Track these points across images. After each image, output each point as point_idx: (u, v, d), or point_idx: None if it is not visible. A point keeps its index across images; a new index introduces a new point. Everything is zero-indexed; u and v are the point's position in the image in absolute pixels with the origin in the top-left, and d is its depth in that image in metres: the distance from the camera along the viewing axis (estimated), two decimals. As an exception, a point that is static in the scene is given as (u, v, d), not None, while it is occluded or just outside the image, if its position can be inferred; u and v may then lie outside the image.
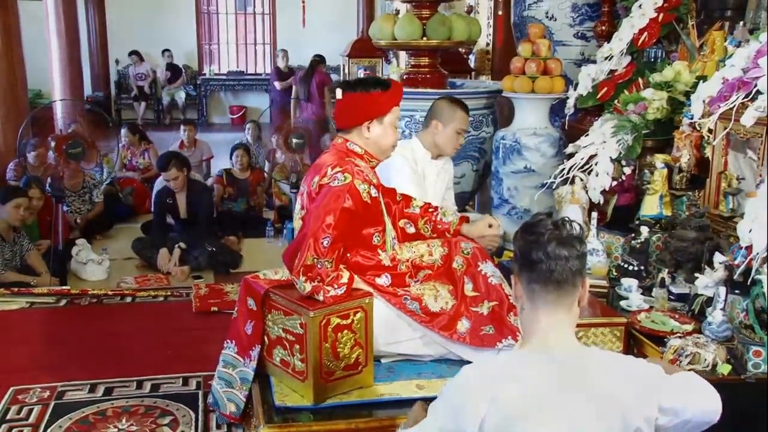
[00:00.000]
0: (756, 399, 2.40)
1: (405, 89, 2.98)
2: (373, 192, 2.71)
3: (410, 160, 3.52)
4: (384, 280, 2.74)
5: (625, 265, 3.25)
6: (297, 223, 2.84)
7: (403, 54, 6.61)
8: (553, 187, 3.76)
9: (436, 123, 3.58)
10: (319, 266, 2.56)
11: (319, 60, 9.37)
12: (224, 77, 13.29)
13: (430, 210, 3.01)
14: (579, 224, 1.61)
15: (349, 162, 2.70)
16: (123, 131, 7.64)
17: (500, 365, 1.58)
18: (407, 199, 3.06)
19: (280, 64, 10.59)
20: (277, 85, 9.52)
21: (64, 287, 4.86)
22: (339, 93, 2.78)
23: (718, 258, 2.77)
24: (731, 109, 2.92)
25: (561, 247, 1.52)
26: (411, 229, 2.99)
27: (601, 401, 1.46)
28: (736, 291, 2.65)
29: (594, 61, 4.24)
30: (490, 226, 2.92)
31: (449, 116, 3.57)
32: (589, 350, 1.66)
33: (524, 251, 1.55)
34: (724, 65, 3.14)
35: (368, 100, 2.75)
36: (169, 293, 4.86)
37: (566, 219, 1.58)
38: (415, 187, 3.37)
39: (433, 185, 3.63)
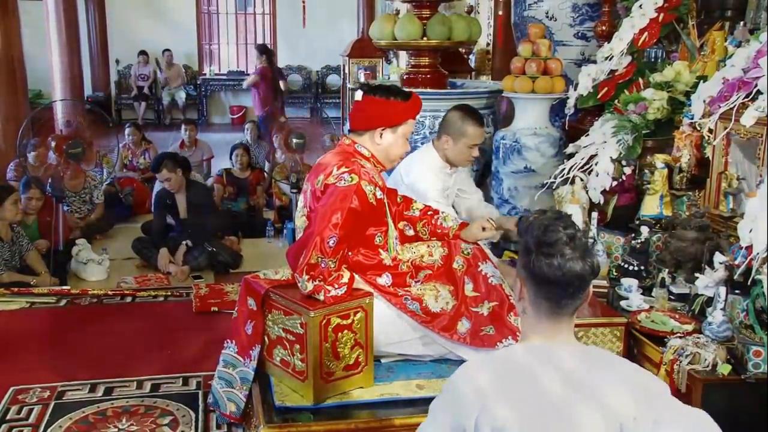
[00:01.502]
0: (756, 399, 2.40)
1: (405, 89, 2.97)
2: (379, 194, 2.71)
3: (435, 173, 3.43)
4: (385, 279, 2.74)
5: (625, 265, 3.25)
6: (299, 221, 2.84)
7: (403, 54, 6.63)
8: (554, 187, 3.76)
9: (446, 138, 3.43)
10: (322, 265, 2.56)
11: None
12: (224, 77, 13.28)
13: (429, 213, 3.01)
14: (594, 236, 1.57)
15: (355, 162, 2.70)
16: (128, 130, 7.63)
17: (496, 359, 1.58)
18: (407, 201, 3.06)
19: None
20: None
21: (64, 287, 4.86)
22: (359, 95, 2.79)
23: (718, 258, 2.77)
24: (731, 109, 2.92)
25: (577, 266, 1.48)
26: (410, 232, 2.99)
27: (599, 395, 1.46)
28: (736, 291, 2.65)
29: (594, 61, 4.24)
30: (484, 229, 2.90)
31: (459, 132, 3.41)
32: (589, 348, 1.66)
33: (538, 269, 1.50)
34: (725, 65, 3.14)
35: (386, 106, 2.76)
36: (169, 293, 4.86)
37: (580, 232, 1.53)
38: (444, 206, 3.34)
39: (448, 197, 3.54)
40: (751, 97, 2.87)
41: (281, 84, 9.58)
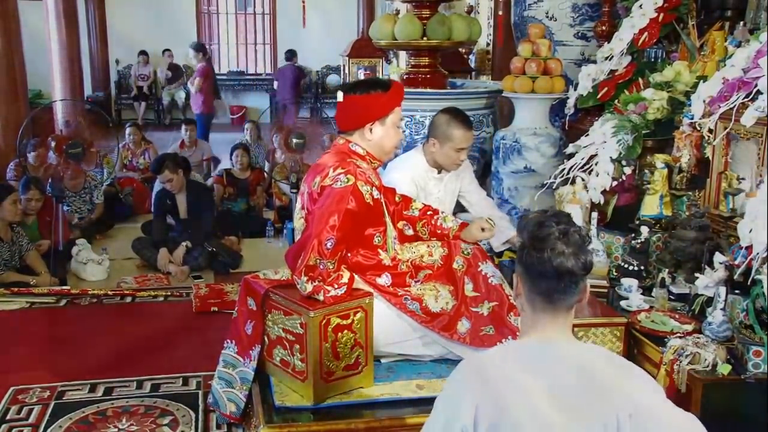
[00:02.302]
0: (756, 399, 2.40)
1: (405, 89, 2.95)
2: (375, 194, 2.70)
3: (412, 177, 3.38)
4: (384, 279, 2.73)
5: (625, 265, 3.25)
6: (297, 223, 2.84)
7: (403, 54, 6.62)
8: (554, 187, 3.76)
9: (433, 141, 3.39)
10: (321, 267, 2.56)
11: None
12: (224, 77, 13.25)
13: (429, 213, 3.00)
14: (587, 233, 1.58)
15: (351, 163, 2.69)
16: (128, 130, 7.63)
17: (494, 355, 1.60)
18: (407, 201, 3.05)
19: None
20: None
21: (64, 287, 4.86)
22: (340, 95, 2.77)
23: (718, 258, 2.77)
24: (731, 109, 2.92)
25: (568, 262, 1.50)
26: (409, 231, 2.99)
27: (596, 392, 1.46)
28: (736, 291, 2.65)
29: (594, 61, 4.24)
30: (483, 229, 2.89)
31: (445, 135, 3.35)
32: (586, 345, 1.67)
33: (530, 263, 1.52)
34: (725, 65, 3.14)
35: (369, 101, 2.74)
36: (169, 293, 4.86)
37: (574, 228, 1.54)
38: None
39: (439, 201, 3.47)
40: (751, 97, 2.87)
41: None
